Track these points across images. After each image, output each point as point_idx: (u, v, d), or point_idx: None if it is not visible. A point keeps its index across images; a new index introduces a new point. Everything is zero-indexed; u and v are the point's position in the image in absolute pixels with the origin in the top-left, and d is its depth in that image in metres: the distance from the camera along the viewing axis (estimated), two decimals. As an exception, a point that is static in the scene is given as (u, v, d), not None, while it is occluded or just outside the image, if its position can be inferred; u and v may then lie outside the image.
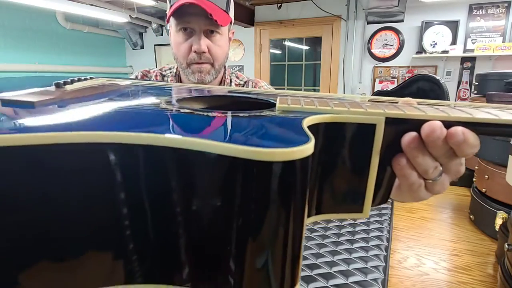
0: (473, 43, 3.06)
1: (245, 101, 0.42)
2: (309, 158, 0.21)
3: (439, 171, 0.29)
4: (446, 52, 3.08)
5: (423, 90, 0.64)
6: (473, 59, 3.10)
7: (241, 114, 0.28)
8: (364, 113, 0.27)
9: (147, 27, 4.40)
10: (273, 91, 0.43)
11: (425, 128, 0.26)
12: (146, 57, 4.55)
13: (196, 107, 0.34)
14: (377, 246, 1.92)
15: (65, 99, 0.33)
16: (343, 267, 1.72)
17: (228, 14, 0.70)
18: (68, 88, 0.37)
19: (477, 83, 2.60)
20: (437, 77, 0.62)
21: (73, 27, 3.69)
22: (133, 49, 4.59)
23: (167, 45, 4.34)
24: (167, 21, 0.71)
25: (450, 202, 2.69)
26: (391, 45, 3.37)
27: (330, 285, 1.56)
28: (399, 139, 0.28)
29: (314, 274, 1.65)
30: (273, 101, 0.37)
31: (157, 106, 0.32)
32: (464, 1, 3.03)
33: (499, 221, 1.86)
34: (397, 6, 2.93)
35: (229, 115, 0.28)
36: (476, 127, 0.26)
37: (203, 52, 0.68)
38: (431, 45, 3.16)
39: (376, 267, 1.72)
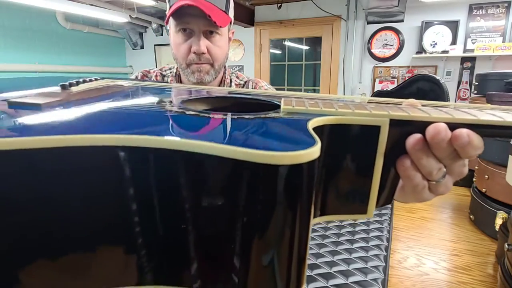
0: (473, 43, 3.06)
1: (249, 102, 0.42)
2: (315, 161, 0.21)
3: (443, 172, 0.29)
4: (446, 52, 3.08)
5: (423, 90, 0.64)
6: (473, 59, 3.10)
7: (246, 116, 0.28)
8: (369, 115, 0.27)
9: (147, 27, 4.40)
10: (276, 93, 0.43)
11: (430, 130, 0.26)
12: (146, 57, 4.55)
13: (200, 109, 0.34)
14: (377, 246, 1.92)
15: (71, 101, 0.33)
16: (343, 267, 1.72)
17: (228, 14, 0.70)
18: (73, 89, 0.38)
19: (477, 83, 2.60)
20: (437, 77, 0.62)
21: (73, 27, 3.70)
22: (133, 49, 4.59)
23: (167, 45, 4.34)
24: (166, 21, 0.71)
25: (450, 202, 2.69)
26: (391, 45, 3.37)
27: (330, 285, 1.56)
28: (403, 141, 0.28)
29: (314, 274, 1.65)
30: (277, 103, 0.37)
31: (162, 108, 0.32)
32: (464, 1, 3.03)
33: (499, 221, 1.86)
34: (397, 6, 2.93)
35: (235, 117, 0.28)
36: (481, 129, 0.26)
37: (203, 53, 0.68)
38: (431, 45, 3.16)
39: (376, 267, 1.72)
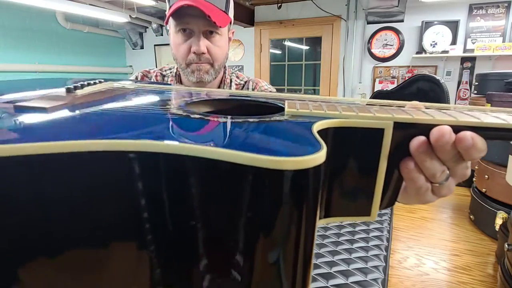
0: (473, 43, 3.06)
1: (252, 104, 0.42)
2: (321, 166, 0.21)
3: (446, 174, 0.29)
4: (446, 52, 3.08)
5: (423, 90, 0.64)
6: (473, 59, 3.10)
7: (251, 120, 0.28)
8: (373, 118, 0.27)
9: (147, 27, 4.40)
10: (278, 95, 0.43)
11: (434, 133, 0.26)
12: (146, 57, 4.55)
13: (204, 111, 0.34)
14: (377, 246, 1.92)
15: (77, 104, 0.33)
16: (343, 267, 1.72)
17: (228, 14, 0.70)
18: (78, 92, 0.38)
19: (477, 83, 2.60)
20: (437, 77, 0.62)
21: (73, 27, 3.69)
22: (133, 49, 4.59)
23: (167, 45, 4.33)
24: (166, 22, 0.70)
25: (450, 202, 2.69)
26: (391, 45, 3.37)
27: (330, 285, 1.56)
28: (407, 143, 0.28)
29: (314, 274, 1.65)
30: (280, 105, 0.37)
31: (167, 111, 0.33)
32: (464, 1, 3.03)
33: (499, 221, 1.86)
34: (397, 6, 2.93)
35: (239, 120, 0.28)
36: (484, 131, 0.26)
37: (203, 53, 0.68)
38: (431, 45, 3.16)
39: (376, 267, 1.72)
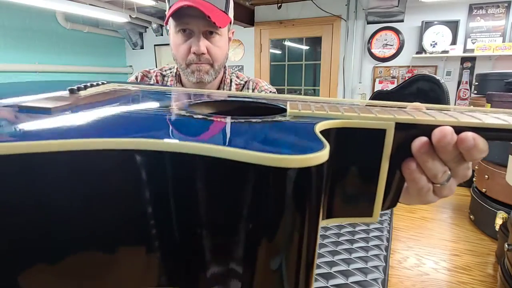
0: (473, 43, 3.06)
1: (254, 106, 0.43)
2: (324, 164, 0.21)
3: (447, 175, 0.29)
4: (446, 52, 3.08)
5: (423, 90, 0.64)
6: (473, 59, 3.10)
7: (253, 120, 0.28)
8: (375, 118, 0.27)
9: (147, 27, 4.40)
10: (280, 96, 0.43)
11: (436, 134, 0.26)
12: (146, 57, 4.55)
13: (206, 112, 0.34)
14: (377, 246, 1.92)
15: (80, 105, 0.33)
16: (343, 267, 1.72)
17: (227, 14, 0.70)
18: (82, 93, 0.38)
19: (477, 83, 2.59)
20: (437, 77, 0.62)
21: (73, 27, 3.69)
22: (133, 49, 4.59)
23: (167, 45, 4.33)
24: (166, 22, 0.70)
25: (450, 202, 2.69)
26: (391, 45, 3.37)
27: (330, 285, 1.56)
28: (408, 144, 0.28)
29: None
30: (282, 106, 0.37)
31: (170, 112, 0.33)
32: (464, 1, 3.03)
33: (499, 221, 1.86)
34: (397, 6, 2.93)
35: (242, 121, 0.28)
36: (486, 132, 0.26)
37: (202, 53, 0.68)
38: (431, 45, 3.16)
39: (376, 267, 1.72)
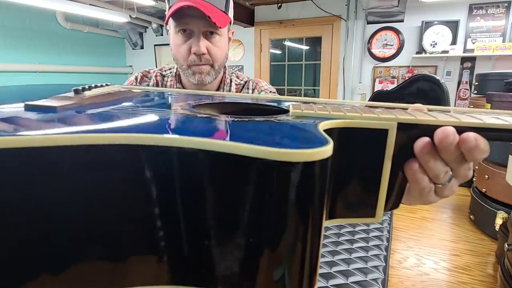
0: (473, 43, 3.06)
1: (256, 107, 0.43)
2: (328, 159, 0.22)
3: (449, 175, 0.30)
4: (446, 52, 3.08)
5: (423, 90, 0.64)
6: (473, 59, 3.10)
7: (257, 119, 0.28)
8: (377, 119, 0.27)
9: (147, 27, 4.40)
10: (282, 97, 0.44)
11: (438, 134, 0.27)
12: (146, 57, 4.55)
13: (209, 113, 0.34)
14: (377, 246, 1.92)
15: (85, 104, 0.34)
16: (343, 267, 1.72)
17: (227, 14, 0.70)
18: (86, 94, 0.39)
19: (477, 83, 2.60)
20: (437, 77, 0.62)
21: (73, 27, 3.69)
22: (133, 49, 4.59)
23: (167, 45, 4.33)
24: (166, 22, 0.70)
25: (450, 202, 2.69)
26: (391, 45, 3.37)
27: (330, 285, 1.56)
28: (410, 144, 0.28)
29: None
30: (285, 108, 0.38)
31: (175, 111, 0.33)
32: (464, 1, 3.03)
33: (499, 221, 1.86)
34: (397, 6, 2.93)
35: (246, 120, 0.28)
36: (487, 132, 0.27)
37: (203, 54, 0.68)
38: (431, 45, 3.16)
39: (376, 267, 1.72)
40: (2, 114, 0.30)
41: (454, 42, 3.10)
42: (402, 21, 3.26)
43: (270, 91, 0.82)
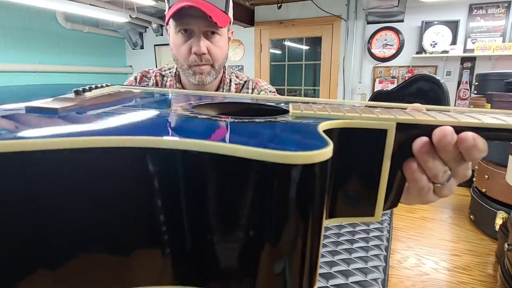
0: (473, 43, 3.06)
1: (256, 108, 0.43)
2: (328, 161, 0.22)
3: (448, 175, 0.30)
4: (446, 52, 3.08)
5: (423, 90, 0.64)
6: (473, 59, 3.10)
7: (257, 120, 0.29)
8: (376, 119, 0.28)
9: (147, 27, 4.40)
10: (282, 98, 0.44)
11: (436, 133, 0.27)
12: (146, 57, 4.55)
13: (209, 113, 0.35)
14: (377, 246, 1.92)
15: (86, 106, 0.34)
16: (343, 267, 1.72)
17: (227, 14, 0.70)
18: (87, 95, 0.39)
19: (477, 83, 2.60)
20: (437, 77, 0.62)
21: (73, 27, 3.69)
22: (133, 49, 4.59)
23: (167, 45, 4.31)
24: (166, 23, 0.70)
25: (450, 202, 2.69)
26: (391, 45, 3.37)
27: (330, 285, 1.56)
28: (409, 144, 0.28)
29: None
30: (284, 108, 0.38)
31: (175, 112, 0.33)
32: (464, 1, 3.03)
33: (499, 221, 1.86)
34: (397, 6, 2.93)
35: (245, 120, 0.29)
36: (485, 132, 0.27)
37: (203, 54, 0.68)
38: (431, 45, 3.16)
39: (376, 267, 1.72)
40: (3, 117, 0.30)
41: (454, 42, 3.10)
42: (402, 21, 3.26)
43: (270, 91, 0.82)
